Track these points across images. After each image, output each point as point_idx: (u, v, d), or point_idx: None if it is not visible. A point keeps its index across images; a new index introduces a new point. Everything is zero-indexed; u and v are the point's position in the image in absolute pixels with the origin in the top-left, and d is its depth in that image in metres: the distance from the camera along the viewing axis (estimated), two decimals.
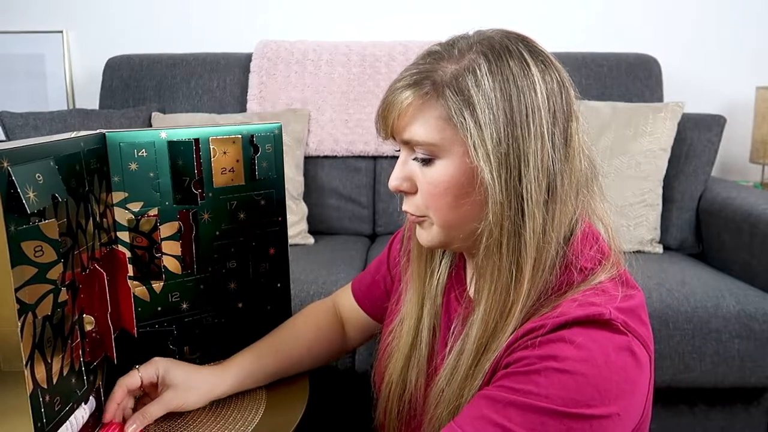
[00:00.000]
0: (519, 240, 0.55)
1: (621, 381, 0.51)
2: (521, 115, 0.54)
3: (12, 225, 0.50)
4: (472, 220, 0.58)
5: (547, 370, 0.51)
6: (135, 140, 0.70)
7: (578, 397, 0.50)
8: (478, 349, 0.58)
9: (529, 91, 0.55)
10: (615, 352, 0.52)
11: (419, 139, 0.57)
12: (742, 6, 2.05)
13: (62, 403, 0.58)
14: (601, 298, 0.55)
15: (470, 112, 0.54)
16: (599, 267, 0.58)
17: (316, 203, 1.80)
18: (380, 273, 0.84)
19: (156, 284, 0.74)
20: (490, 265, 0.57)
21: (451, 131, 0.56)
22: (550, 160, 0.55)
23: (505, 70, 0.55)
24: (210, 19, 2.09)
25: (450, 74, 0.56)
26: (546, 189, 0.55)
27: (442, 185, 0.58)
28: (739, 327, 1.22)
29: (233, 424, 0.69)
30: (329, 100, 1.83)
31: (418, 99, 0.57)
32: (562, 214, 0.57)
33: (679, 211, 1.66)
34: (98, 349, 0.66)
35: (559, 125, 0.56)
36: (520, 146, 0.54)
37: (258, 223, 0.81)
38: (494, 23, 0.61)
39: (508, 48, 0.56)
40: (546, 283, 0.57)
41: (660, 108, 1.66)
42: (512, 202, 0.55)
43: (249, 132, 0.78)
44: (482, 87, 0.54)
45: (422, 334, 0.69)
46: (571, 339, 0.51)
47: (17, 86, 2.10)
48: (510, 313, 0.56)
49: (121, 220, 0.71)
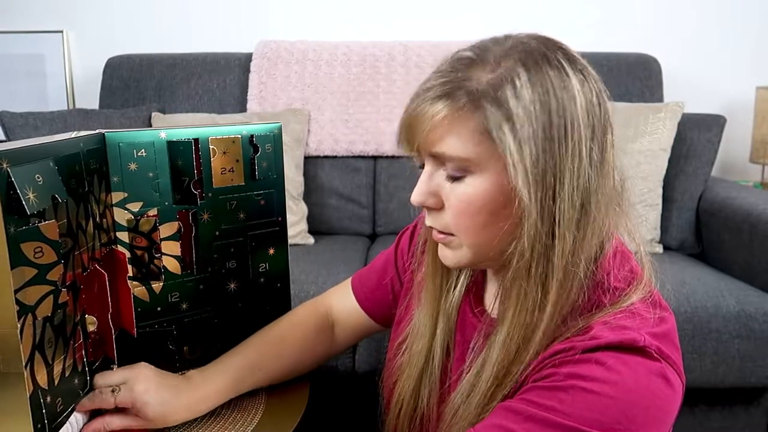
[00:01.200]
0: (547, 263, 0.53)
1: (651, 407, 0.49)
2: (560, 131, 0.51)
3: (12, 226, 0.50)
4: (504, 241, 0.55)
5: (573, 388, 0.49)
6: (134, 140, 0.70)
7: (603, 419, 0.48)
8: (498, 372, 0.55)
9: (568, 103, 0.51)
10: (647, 378, 0.50)
11: (453, 154, 0.53)
12: (742, 6, 2.05)
13: (64, 404, 0.58)
14: (634, 321, 0.53)
15: (510, 126, 0.51)
16: (630, 287, 0.56)
17: (316, 203, 1.80)
18: (388, 276, 0.81)
19: (155, 284, 0.74)
20: (516, 288, 0.54)
21: (487, 146, 0.52)
22: (586, 177, 0.52)
23: (545, 80, 0.51)
24: (210, 19, 2.09)
25: (486, 83, 0.52)
26: (579, 208, 0.52)
27: (475, 203, 0.54)
28: (739, 327, 1.22)
29: (233, 425, 0.69)
30: (329, 100, 1.83)
31: (452, 111, 0.52)
32: (593, 234, 0.54)
33: (679, 211, 1.66)
34: (99, 349, 0.66)
35: (597, 140, 0.53)
36: (557, 164, 0.51)
37: (258, 223, 0.81)
38: (494, 23, 0.61)
39: (547, 56, 0.52)
40: (573, 303, 0.54)
41: (660, 108, 1.66)
42: (545, 223, 0.52)
43: (249, 132, 0.77)
44: (522, 99, 0.50)
45: (435, 352, 0.66)
46: (603, 361, 0.50)
47: (17, 86, 2.10)
48: (533, 336, 0.54)
49: (121, 220, 0.71)
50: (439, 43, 1.88)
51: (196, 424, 0.69)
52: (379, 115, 1.82)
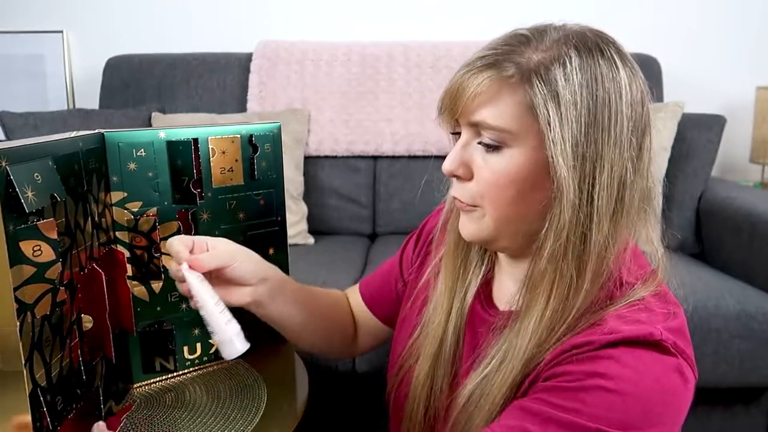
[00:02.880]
0: (584, 248, 0.53)
1: (669, 404, 0.50)
2: (604, 119, 0.52)
3: (10, 224, 0.50)
4: (530, 220, 0.55)
5: (594, 388, 0.49)
6: (134, 140, 0.70)
7: (625, 418, 0.48)
8: (527, 360, 0.55)
9: (615, 95, 0.52)
10: (665, 374, 0.50)
11: (493, 123, 0.54)
12: (742, 6, 2.05)
13: (63, 403, 0.58)
14: (648, 315, 0.53)
15: (555, 104, 0.51)
16: (639, 282, 0.56)
17: (316, 203, 1.80)
18: (392, 275, 0.82)
19: (155, 284, 0.74)
20: (551, 272, 0.54)
21: (529, 120, 0.53)
22: (624, 170, 0.53)
23: (595, 69, 0.52)
24: (210, 19, 2.09)
25: (537, 61, 0.53)
26: (616, 198, 0.53)
27: (507, 176, 0.54)
28: (739, 327, 1.22)
29: (233, 424, 0.69)
30: (329, 100, 1.83)
31: (498, 81, 0.53)
32: (626, 228, 0.55)
33: (679, 211, 1.66)
34: (97, 348, 0.66)
35: (637, 137, 0.54)
36: (598, 150, 0.52)
37: (258, 223, 0.81)
38: (494, 23, 0.61)
39: (600, 47, 0.54)
40: (597, 293, 0.55)
41: (660, 108, 1.66)
42: (583, 206, 0.52)
43: (248, 132, 0.77)
44: (570, 81, 0.51)
45: (448, 333, 0.67)
46: (620, 358, 0.50)
47: (17, 86, 2.10)
48: (564, 322, 0.54)
49: (120, 219, 0.71)
50: (439, 43, 1.88)
51: (197, 424, 0.69)
52: (379, 115, 1.82)
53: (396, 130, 1.81)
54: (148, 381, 0.76)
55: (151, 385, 0.76)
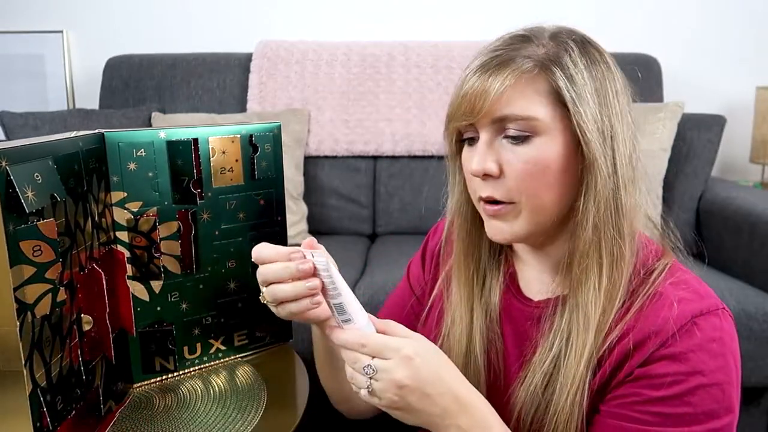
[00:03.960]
0: (618, 213, 0.57)
1: (737, 357, 0.56)
2: (608, 97, 0.57)
3: (10, 224, 0.50)
4: (567, 200, 0.59)
5: (698, 388, 0.53)
6: (134, 140, 0.70)
7: (726, 404, 0.53)
8: (596, 331, 0.57)
9: (612, 76, 0.59)
10: (736, 344, 0.56)
11: (522, 114, 0.56)
12: (742, 6, 2.05)
13: (63, 403, 0.58)
14: (695, 284, 0.58)
15: (573, 86, 0.56)
16: (654, 246, 0.62)
17: (316, 203, 1.80)
18: (405, 302, 0.80)
19: (155, 284, 0.74)
20: (596, 241, 0.57)
21: (553, 107, 0.57)
22: (632, 143, 0.58)
23: (592, 55, 0.58)
24: (210, 19, 2.10)
25: (546, 53, 0.57)
26: (631, 166, 0.58)
27: (542, 163, 0.57)
28: (739, 327, 1.21)
29: (233, 424, 0.69)
30: (329, 100, 1.83)
31: (519, 75, 0.57)
32: (641, 196, 0.60)
33: (679, 211, 1.66)
34: (97, 348, 0.66)
35: (631, 113, 0.59)
36: (612, 124, 0.57)
37: (257, 223, 0.81)
38: (494, 24, 0.62)
39: (588, 40, 0.60)
40: (635, 261, 0.59)
41: (660, 108, 1.66)
42: (611, 174, 0.57)
43: (248, 131, 0.77)
44: (578, 67, 0.57)
45: (475, 339, 0.67)
46: (709, 347, 0.53)
47: (17, 86, 2.10)
48: (619, 288, 0.57)
49: (120, 219, 0.71)
50: (439, 43, 1.88)
51: (197, 424, 0.69)
52: (379, 115, 1.82)
53: (396, 130, 1.81)
54: (148, 381, 0.76)
55: (151, 385, 0.76)
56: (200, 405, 0.72)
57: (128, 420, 0.69)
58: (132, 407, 0.71)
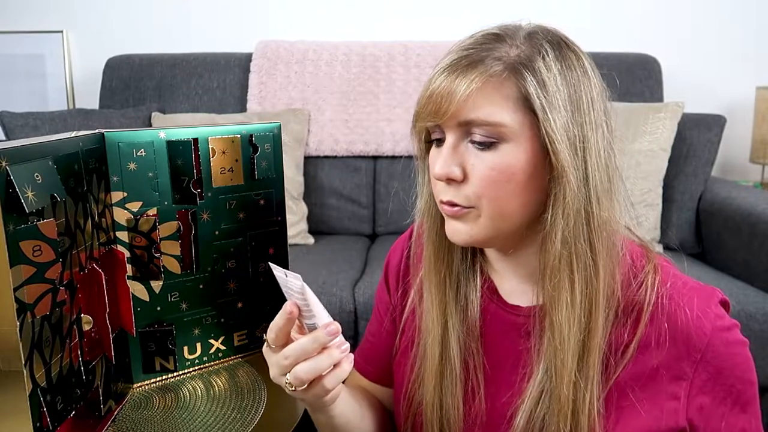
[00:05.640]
0: (590, 227, 0.55)
1: None
2: (583, 104, 0.55)
3: (10, 224, 0.50)
4: (534, 209, 0.57)
5: (753, 396, 0.60)
6: (134, 140, 0.70)
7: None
8: (581, 347, 0.56)
9: (589, 82, 0.56)
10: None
11: (488, 120, 0.54)
12: (742, 6, 2.05)
13: (63, 403, 0.58)
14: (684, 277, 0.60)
15: (545, 92, 0.53)
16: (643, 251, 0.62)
17: (316, 203, 1.80)
18: (383, 326, 0.76)
19: (155, 284, 0.74)
20: (566, 255, 0.55)
21: (522, 113, 0.54)
22: (606, 152, 0.56)
23: (568, 59, 0.55)
24: (210, 19, 2.10)
25: (518, 55, 0.54)
26: (606, 177, 0.56)
27: (506, 170, 0.55)
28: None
29: (233, 424, 0.69)
30: (329, 100, 1.83)
31: (487, 78, 0.54)
32: (619, 205, 0.58)
33: (679, 211, 1.66)
34: (97, 348, 0.66)
35: (607, 120, 0.57)
36: (585, 133, 0.54)
37: (257, 222, 0.81)
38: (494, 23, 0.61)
39: (566, 42, 0.57)
40: (619, 264, 0.58)
41: (660, 108, 1.66)
42: (581, 186, 0.54)
43: (248, 132, 0.77)
44: (551, 71, 0.54)
45: (451, 345, 0.64)
46: (742, 350, 0.60)
47: (17, 86, 2.10)
48: (597, 303, 0.56)
49: (120, 219, 0.71)
50: (439, 43, 1.88)
51: (197, 424, 0.69)
52: (379, 115, 1.82)
53: (396, 130, 1.81)
54: (148, 381, 0.76)
55: (151, 385, 0.76)
56: (200, 405, 0.72)
57: (128, 420, 0.69)
58: (132, 407, 0.71)
